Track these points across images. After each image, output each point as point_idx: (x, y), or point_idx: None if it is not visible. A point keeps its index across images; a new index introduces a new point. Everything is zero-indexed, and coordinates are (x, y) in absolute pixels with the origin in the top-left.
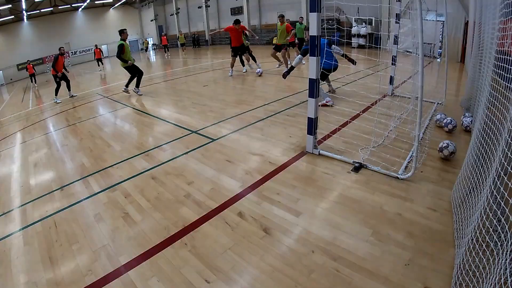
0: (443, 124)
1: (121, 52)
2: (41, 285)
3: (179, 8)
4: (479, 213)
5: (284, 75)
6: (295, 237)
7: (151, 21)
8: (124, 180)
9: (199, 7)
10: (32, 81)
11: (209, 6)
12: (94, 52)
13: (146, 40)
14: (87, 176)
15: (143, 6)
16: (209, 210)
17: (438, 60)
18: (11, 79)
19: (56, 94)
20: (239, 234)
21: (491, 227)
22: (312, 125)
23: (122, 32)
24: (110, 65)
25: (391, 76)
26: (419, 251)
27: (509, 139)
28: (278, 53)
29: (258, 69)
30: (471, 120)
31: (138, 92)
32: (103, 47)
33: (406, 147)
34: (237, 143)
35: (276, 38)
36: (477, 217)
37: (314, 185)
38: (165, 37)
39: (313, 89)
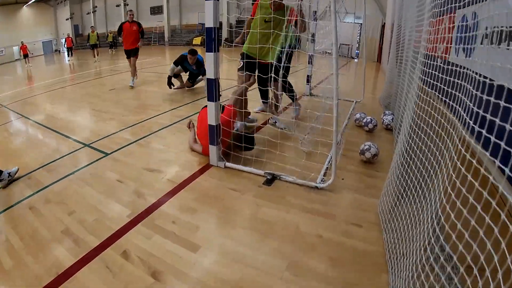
0: (363, 124)
1: None
2: None
3: (96, 6)
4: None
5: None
6: (192, 281)
7: (66, 20)
8: None
9: (117, 6)
10: None
11: (127, 5)
12: None
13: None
14: None
15: (59, 4)
16: (88, 249)
17: (355, 60)
18: None
19: None
20: (122, 281)
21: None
22: (214, 134)
23: None
24: (20, 69)
25: (308, 75)
26: (345, 284)
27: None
28: None
29: None
30: (392, 118)
31: None
32: (14, 49)
33: (325, 150)
34: (133, 157)
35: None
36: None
37: (218, 206)
38: (70, 38)
39: (212, 91)
